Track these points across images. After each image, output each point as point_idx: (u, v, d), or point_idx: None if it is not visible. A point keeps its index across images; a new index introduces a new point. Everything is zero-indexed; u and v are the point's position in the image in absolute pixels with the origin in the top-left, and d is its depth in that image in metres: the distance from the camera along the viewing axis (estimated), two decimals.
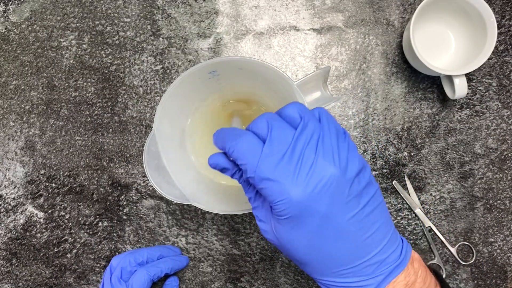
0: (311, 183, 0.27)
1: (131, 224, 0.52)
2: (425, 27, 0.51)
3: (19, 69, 0.53)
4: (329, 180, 0.27)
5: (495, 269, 0.51)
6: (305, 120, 0.29)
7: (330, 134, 0.29)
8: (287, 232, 0.29)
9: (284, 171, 0.27)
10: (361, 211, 0.29)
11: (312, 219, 0.28)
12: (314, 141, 0.28)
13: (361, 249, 0.29)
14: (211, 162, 0.32)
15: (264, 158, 0.28)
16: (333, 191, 0.27)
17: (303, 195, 0.27)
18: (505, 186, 0.51)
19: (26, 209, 0.52)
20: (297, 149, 0.28)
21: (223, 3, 0.52)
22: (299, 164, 0.27)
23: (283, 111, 0.30)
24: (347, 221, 0.28)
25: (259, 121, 0.29)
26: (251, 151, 0.28)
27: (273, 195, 0.28)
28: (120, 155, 0.52)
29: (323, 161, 0.27)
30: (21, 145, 0.53)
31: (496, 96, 0.51)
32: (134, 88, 0.52)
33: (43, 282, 0.52)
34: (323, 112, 0.30)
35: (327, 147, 0.28)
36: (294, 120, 0.29)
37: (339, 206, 0.28)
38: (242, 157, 0.29)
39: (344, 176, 0.28)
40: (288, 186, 0.27)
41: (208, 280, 0.52)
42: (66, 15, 0.53)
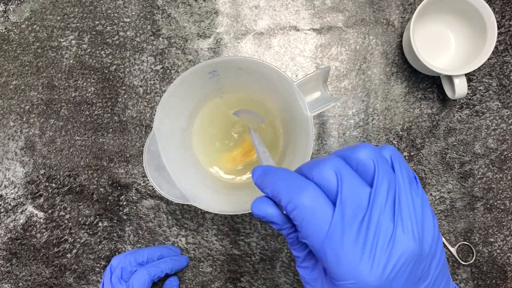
0: (389, 266, 0.22)
1: (131, 224, 0.52)
2: (425, 27, 0.51)
3: (19, 69, 0.53)
4: (407, 259, 0.23)
5: (495, 269, 0.51)
6: (380, 171, 0.24)
7: (405, 188, 0.24)
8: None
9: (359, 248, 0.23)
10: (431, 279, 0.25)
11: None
12: (391, 202, 0.23)
13: None
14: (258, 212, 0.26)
15: (335, 230, 0.23)
16: (411, 269, 0.23)
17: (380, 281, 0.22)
18: (505, 186, 0.51)
19: (26, 209, 0.52)
20: (374, 217, 0.23)
21: (223, 3, 0.52)
22: (376, 239, 0.23)
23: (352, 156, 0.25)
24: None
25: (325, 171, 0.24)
26: (317, 216, 0.23)
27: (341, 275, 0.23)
28: (120, 155, 0.52)
29: (402, 234, 0.23)
30: (21, 145, 0.53)
31: (496, 96, 0.51)
32: (134, 88, 0.52)
33: (43, 282, 0.52)
34: (395, 154, 0.26)
35: (404, 210, 0.23)
36: (366, 170, 0.24)
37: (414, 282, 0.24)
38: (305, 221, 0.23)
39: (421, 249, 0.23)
40: (363, 269, 0.22)
41: (208, 280, 0.52)
42: (66, 15, 0.53)
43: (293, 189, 0.24)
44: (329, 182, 0.24)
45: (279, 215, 0.26)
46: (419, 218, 0.24)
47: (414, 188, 0.25)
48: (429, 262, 0.24)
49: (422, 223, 0.24)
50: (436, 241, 0.25)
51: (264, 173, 0.26)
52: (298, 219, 0.24)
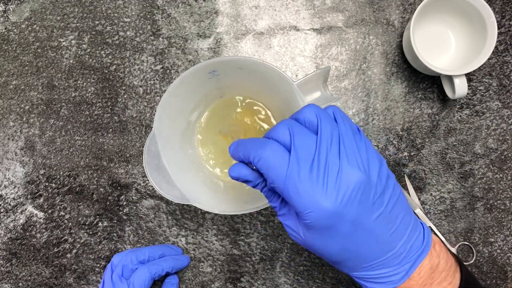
0: (340, 193, 0.27)
1: (131, 224, 0.52)
2: (425, 27, 0.51)
3: (19, 69, 0.53)
4: (356, 186, 0.28)
5: (495, 269, 0.51)
6: (323, 122, 0.29)
7: (348, 134, 0.29)
8: (317, 239, 0.30)
9: (313, 181, 0.27)
10: (386, 208, 0.29)
11: (342, 227, 0.28)
12: (336, 145, 0.28)
13: (389, 243, 0.30)
14: (234, 174, 0.32)
15: (292, 169, 0.28)
16: (361, 196, 0.28)
17: (333, 204, 0.27)
18: (505, 186, 0.51)
19: (26, 209, 0.52)
20: (322, 156, 0.28)
21: (223, 3, 0.52)
22: (326, 172, 0.28)
23: (300, 115, 0.30)
24: (375, 221, 0.29)
25: (280, 128, 0.30)
26: (278, 161, 0.28)
27: (303, 206, 0.28)
28: (120, 155, 0.52)
29: (348, 166, 0.28)
30: (21, 145, 0.53)
31: (496, 96, 0.51)
32: (134, 88, 0.52)
33: (43, 282, 0.52)
34: (337, 110, 0.31)
35: (349, 150, 0.28)
36: (312, 124, 0.30)
37: (367, 209, 0.28)
38: (269, 168, 0.29)
39: (368, 178, 0.28)
40: (318, 197, 0.27)
41: (208, 280, 0.51)
42: (66, 15, 0.53)
43: (258, 146, 0.29)
44: (284, 136, 0.29)
45: (251, 173, 0.31)
46: (364, 155, 0.29)
47: (357, 136, 0.30)
48: (381, 192, 0.29)
49: (367, 159, 0.29)
50: (386, 176, 0.30)
51: (237, 144, 0.32)
52: (263, 168, 0.29)
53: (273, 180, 0.29)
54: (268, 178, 0.29)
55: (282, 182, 0.28)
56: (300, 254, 0.51)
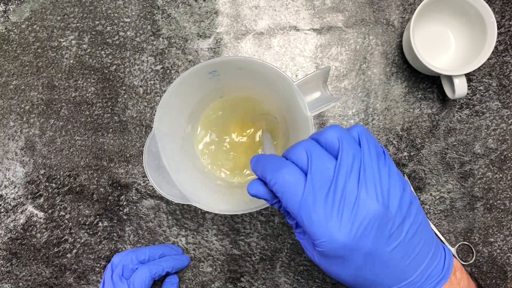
0: (354, 225, 0.26)
1: (131, 224, 0.52)
2: (425, 27, 0.51)
3: (19, 69, 0.53)
4: (373, 218, 0.27)
5: (495, 269, 0.51)
6: (344, 146, 0.28)
7: (371, 159, 0.28)
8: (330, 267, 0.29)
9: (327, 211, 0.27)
10: (404, 238, 0.28)
11: (356, 259, 0.27)
12: (356, 172, 0.27)
13: (406, 271, 0.29)
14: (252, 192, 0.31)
15: (307, 197, 0.27)
16: (377, 229, 0.27)
17: (347, 237, 0.26)
18: (505, 186, 0.51)
19: (26, 209, 0.52)
20: (339, 184, 0.27)
21: (223, 3, 0.52)
22: (342, 201, 0.27)
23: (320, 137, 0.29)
24: (390, 252, 0.28)
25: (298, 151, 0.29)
26: (293, 187, 0.28)
27: (316, 235, 0.27)
28: (120, 155, 0.52)
29: (366, 197, 0.27)
30: (21, 145, 0.53)
31: (496, 96, 0.51)
32: (134, 88, 0.52)
33: (43, 282, 0.52)
34: (362, 132, 0.29)
35: (369, 178, 0.27)
36: (333, 146, 0.28)
37: (382, 241, 0.27)
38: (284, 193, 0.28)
39: (387, 210, 0.27)
40: (332, 227, 0.26)
41: (208, 280, 0.52)
42: (66, 15, 0.53)
43: (275, 168, 0.29)
44: (301, 159, 0.28)
45: (268, 192, 0.30)
46: (385, 184, 0.28)
47: (381, 160, 0.29)
48: (400, 222, 0.28)
49: (388, 188, 0.28)
50: (408, 204, 0.28)
51: (257, 159, 0.31)
52: (279, 192, 0.28)
53: (287, 205, 0.28)
54: (283, 202, 0.29)
55: (296, 208, 0.28)
56: (300, 254, 0.51)
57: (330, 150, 0.29)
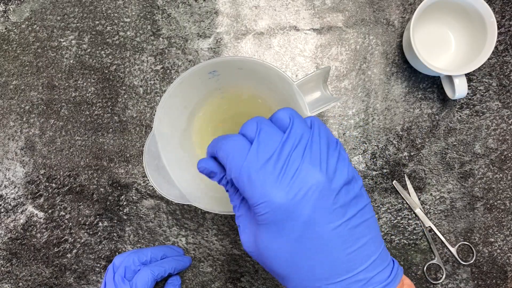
0: (294, 187, 0.26)
1: (131, 224, 0.52)
2: (425, 27, 0.51)
3: (19, 69, 0.53)
4: (313, 186, 0.26)
5: (495, 269, 0.51)
6: (295, 124, 0.28)
7: (320, 140, 0.28)
8: (267, 240, 0.28)
9: (268, 174, 0.27)
10: (346, 223, 0.28)
11: (293, 225, 0.27)
12: (302, 146, 0.27)
13: (345, 263, 0.28)
14: (200, 165, 0.32)
15: (250, 159, 0.27)
16: (317, 198, 0.27)
17: (286, 198, 0.26)
18: (505, 186, 0.51)
19: (26, 209, 0.52)
20: (284, 153, 0.27)
21: (223, 3, 0.52)
22: (284, 167, 0.27)
23: (274, 115, 0.30)
24: (330, 231, 0.27)
25: (249, 124, 0.29)
26: (237, 151, 0.28)
27: (255, 197, 0.27)
28: (120, 155, 0.52)
29: (309, 166, 0.27)
30: (21, 145, 0.53)
31: (496, 96, 0.51)
32: (134, 88, 0.52)
33: (43, 282, 0.52)
34: (316, 119, 0.30)
35: (315, 153, 0.27)
36: (284, 124, 0.29)
37: (323, 213, 0.27)
38: (227, 156, 0.28)
39: (330, 184, 0.27)
40: (271, 189, 0.26)
41: (208, 280, 0.52)
42: (66, 15, 0.53)
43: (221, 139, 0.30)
44: (250, 131, 0.29)
45: (216, 165, 0.31)
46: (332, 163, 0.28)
47: (332, 146, 0.29)
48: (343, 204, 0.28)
49: (334, 167, 0.28)
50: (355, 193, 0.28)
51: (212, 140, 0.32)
52: (223, 158, 0.29)
53: (230, 169, 0.28)
54: (227, 168, 0.29)
55: (238, 171, 0.28)
56: None
57: (280, 127, 0.29)
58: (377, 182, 0.51)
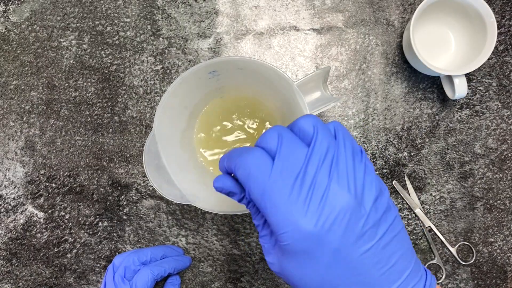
0: (323, 215, 0.24)
1: (131, 224, 0.52)
2: (425, 27, 0.51)
3: (19, 69, 0.53)
4: (342, 210, 0.24)
5: (495, 269, 0.51)
6: (319, 135, 0.26)
7: (346, 153, 0.26)
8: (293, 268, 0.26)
9: (294, 198, 0.24)
10: (378, 243, 0.26)
11: (322, 254, 0.25)
12: (328, 162, 0.25)
13: (379, 284, 0.26)
14: (217, 185, 0.29)
15: (273, 181, 0.25)
16: (347, 223, 0.24)
17: (314, 227, 0.24)
18: (505, 186, 0.51)
19: (26, 209, 0.53)
20: (309, 172, 0.25)
21: (223, 3, 0.52)
22: (311, 191, 0.24)
23: (295, 124, 0.27)
24: (362, 255, 0.25)
25: (268, 135, 0.26)
26: (258, 170, 0.25)
27: (279, 225, 0.25)
28: (120, 155, 0.52)
29: (337, 187, 0.24)
30: (21, 145, 0.53)
31: (496, 96, 0.51)
32: (134, 88, 0.52)
33: (43, 282, 0.52)
34: (339, 127, 0.28)
35: (342, 170, 0.25)
36: (307, 135, 0.26)
37: (353, 239, 0.25)
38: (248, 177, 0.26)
39: (359, 206, 0.25)
40: (297, 217, 0.24)
41: (208, 280, 0.52)
42: (66, 15, 0.53)
43: (240, 153, 0.26)
44: (271, 144, 0.26)
45: (235, 185, 0.28)
46: (359, 179, 0.25)
47: (357, 157, 0.26)
48: (374, 224, 0.25)
49: (362, 183, 0.25)
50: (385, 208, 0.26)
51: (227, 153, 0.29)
52: (243, 178, 0.26)
53: (251, 191, 0.26)
54: (247, 189, 0.26)
55: (260, 194, 0.25)
56: None
57: (303, 138, 0.26)
58: None
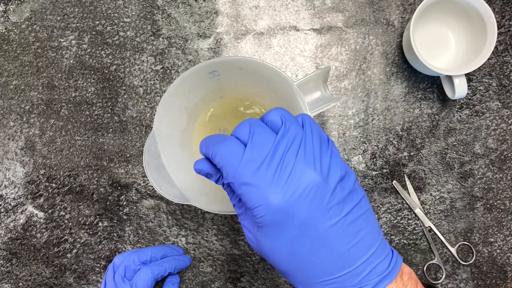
0: (290, 188, 0.27)
1: (131, 224, 0.52)
2: (425, 27, 0.51)
3: (19, 69, 0.53)
4: (309, 185, 0.27)
5: (495, 269, 0.51)
6: (287, 124, 0.29)
7: (313, 139, 0.28)
8: (267, 240, 0.29)
9: (263, 176, 0.27)
10: (344, 218, 0.28)
11: (291, 226, 0.27)
12: (295, 146, 0.28)
13: (345, 258, 0.28)
14: (196, 167, 0.32)
15: (244, 163, 0.27)
16: (314, 197, 0.27)
17: (282, 200, 0.27)
18: (505, 186, 0.51)
19: (26, 209, 0.53)
20: (278, 154, 0.27)
21: (223, 3, 0.52)
22: (279, 169, 0.27)
23: (265, 116, 0.30)
24: (329, 228, 0.28)
25: (242, 126, 0.29)
26: (232, 155, 0.28)
27: (252, 201, 0.27)
28: (120, 155, 0.52)
29: (303, 165, 0.27)
30: (21, 145, 0.53)
31: (496, 96, 0.51)
32: (134, 88, 0.52)
33: (43, 282, 0.52)
34: (307, 118, 0.30)
35: (308, 152, 0.28)
36: (276, 125, 0.29)
37: (320, 212, 0.27)
38: (223, 162, 0.29)
39: (325, 182, 0.27)
40: (267, 191, 0.27)
41: (208, 280, 0.52)
42: (66, 15, 0.53)
43: (217, 141, 0.30)
44: (243, 133, 0.29)
45: (211, 167, 0.31)
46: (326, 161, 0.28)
47: (324, 145, 0.29)
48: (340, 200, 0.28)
49: (328, 165, 0.28)
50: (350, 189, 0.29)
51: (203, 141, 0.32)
52: (219, 163, 0.29)
53: (226, 174, 0.28)
54: (223, 173, 0.29)
55: (233, 176, 0.28)
56: None
57: (273, 128, 0.29)
58: (377, 182, 0.51)
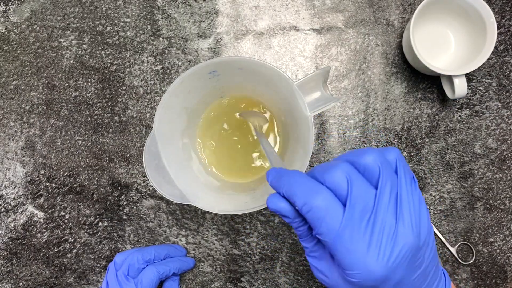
0: (392, 256, 0.26)
1: (131, 224, 0.52)
2: (425, 27, 0.51)
3: (19, 69, 0.53)
4: (408, 250, 0.26)
5: (495, 269, 0.51)
6: (384, 175, 0.27)
7: (407, 188, 0.28)
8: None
9: (366, 242, 0.26)
10: (426, 265, 0.28)
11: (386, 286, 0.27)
12: (393, 202, 0.27)
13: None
14: (272, 207, 0.29)
15: (345, 227, 0.26)
16: (409, 260, 0.27)
17: (384, 269, 0.26)
18: (505, 186, 0.51)
19: (26, 209, 0.53)
20: (379, 215, 0.26)
21: (223, 3, 0.52)
22: (381, 234, 0.26)
23: (360, 161, 0.28)
24: (414, 279, 0.28)
25: (337, 176, 0.27)
26: (330, 215, 0.26)
27: (351, 266, 0.26)
28: (120, 155, 0.52)
29: (403, 228, 0.26)
30: (21, 145, 0.53)
31: (496, 96, 0.51)
32: (134, 88, 0.52)
33: (43, 282, 0.52)
34: (400, 159, 0.29)
35: (405, 208, 0.27)
36: (373, 174, 0.28)
37: (411, 270, 0.27)
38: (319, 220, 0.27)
39: (419, 241, 0.27)
40: (370, 260, 0.26)
41: (208, 280, 0.52)
42: (66, 15, 0.53)
43: (308, 192, 0.27)
44: (340, 186, 0.27)
45: (291, 210, 0.29)
46: (417, 214, 0.27)
47: (413, 188, 0.28)
48: (424, 252, 0.28)
49: (419, 218, 0.27)
50: (430, 233, 0.28)
51: (279, 175, 0.29)
52: (312, 219, 0.27)
53: (321, 233, 0.27)
54: (315, 229, 0.27)
55: (332, 237, 0.26)
56: (300, 254, 0.51)
57: (368, 177, 0.28)
58: None
